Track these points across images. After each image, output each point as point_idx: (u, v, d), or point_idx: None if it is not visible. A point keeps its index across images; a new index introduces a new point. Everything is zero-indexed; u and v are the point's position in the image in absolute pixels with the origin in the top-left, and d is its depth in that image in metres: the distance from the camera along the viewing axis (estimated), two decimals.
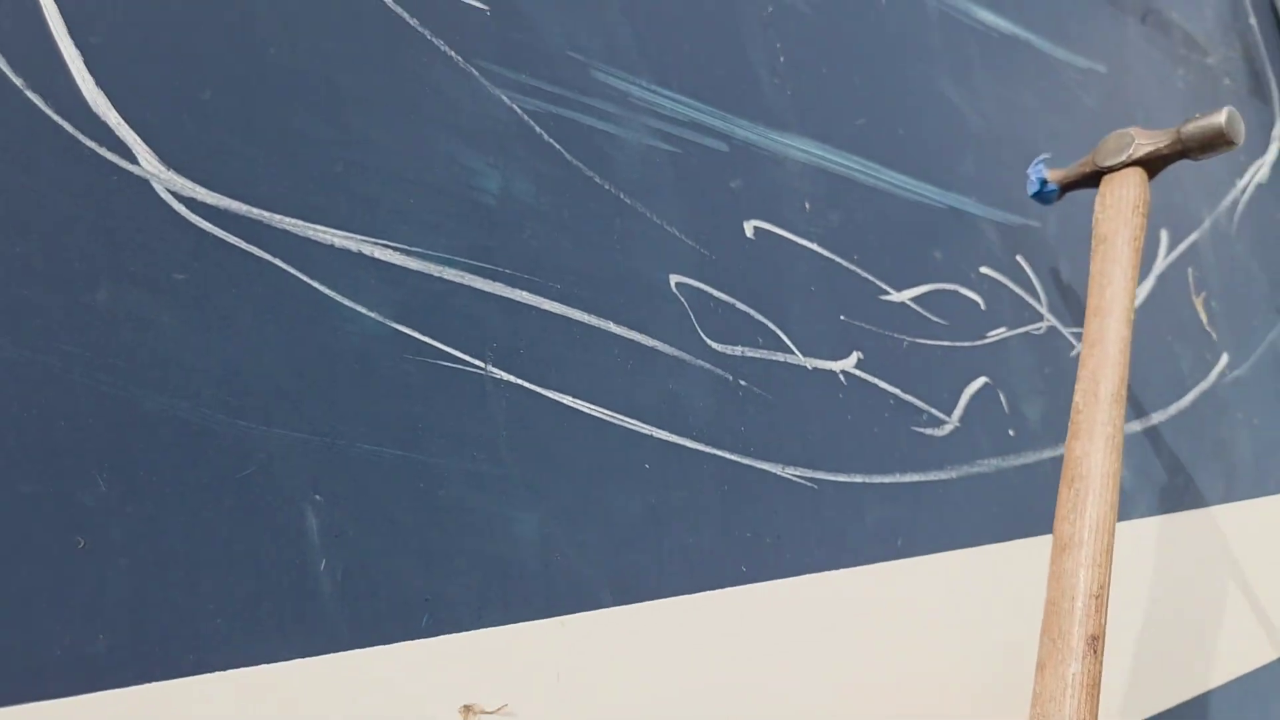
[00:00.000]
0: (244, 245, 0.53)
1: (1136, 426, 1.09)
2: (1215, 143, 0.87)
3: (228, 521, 0.49)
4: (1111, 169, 0.90)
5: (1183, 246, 1.27)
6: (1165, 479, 1.10)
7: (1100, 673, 0.61)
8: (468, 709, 0.54)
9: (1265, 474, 1.27)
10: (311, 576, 0.51)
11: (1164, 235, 1.24)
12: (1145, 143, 0.89)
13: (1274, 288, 1.44)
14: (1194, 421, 1.18)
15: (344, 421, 0.54)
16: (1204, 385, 1.22)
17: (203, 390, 0.50)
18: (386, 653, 0.52)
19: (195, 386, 0.50)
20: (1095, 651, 0.61)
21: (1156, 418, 1.12)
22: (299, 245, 0.55)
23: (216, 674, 0.47)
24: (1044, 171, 0.99)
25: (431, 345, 0.58)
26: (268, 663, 0.49)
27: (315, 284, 0.55)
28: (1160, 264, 1.21)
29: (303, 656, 0.50)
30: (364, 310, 0.56)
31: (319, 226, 0.56)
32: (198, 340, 0.50)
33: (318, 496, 0.52)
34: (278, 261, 0.54)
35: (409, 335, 0.57)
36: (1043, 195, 1.00)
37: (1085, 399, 0.75)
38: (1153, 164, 0.90)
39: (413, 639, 0.53)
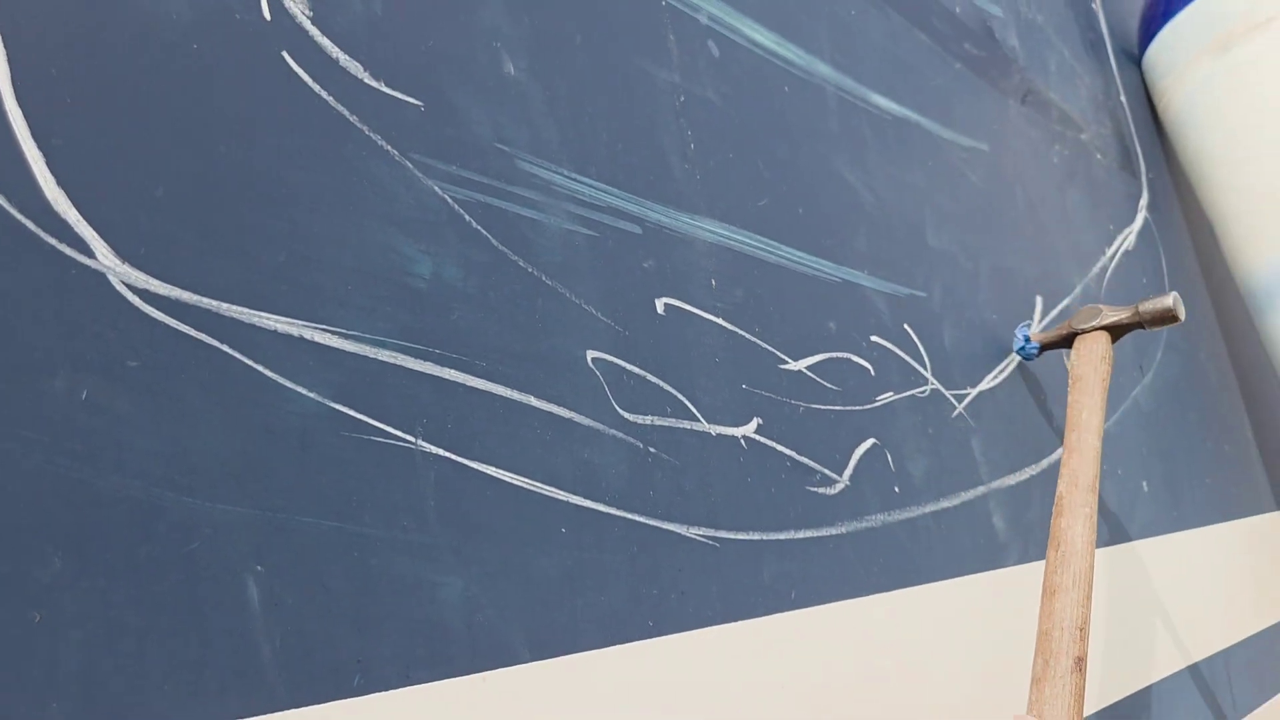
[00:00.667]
0: (193, 333, 0.57)
1: (1011, 480, 1.18)
2: (1164, 317, 1.14)
3: (175, 593, 0.53)
4: (1084, 331, 1.18)
5: (1056, 311, 1.38)
6: (1036, 529, 1.20)
7: (1084, 685, 0.76)
8: None
9: (1129, 521, 1.39)
10: (252, 642, 0.55)
11: (1039, 301, 1.35)
12: (1111, 314, 1.17)
13: (1138, 348, 1.57)
14: None
15: (284, 496, 0.58)
16: None
17: (153, 470, 0.54)
18: (321, 712, 0.57)
19: (146, 467, 0.54)
20: (1080, 670, 0.76)
21: (1030, 471, 1.22)
22: (244, 332, 0.59)
23: None
24: (1028, 332, 1.26)
25: (366, 422, 0.63)
26: None
27: (259, 367, 0.59)
28: (1035, 328, 1.32)
29: (243, 717, 0.54)
30: (304, 391, 0.61)
31: (263, 313, 0.60)
32: (149, 423, 0.54)
33: (259, 567, 0.56)
34: (224, 347, 0.58)
35: (345, 413, 0.62)
36: (1025, 351, 1.25)
37: (1068, 487, 0.95)
38: (1115, 330, 1.17)
39: (345, 698, 0.58)
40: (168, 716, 0.51)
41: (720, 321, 0.88)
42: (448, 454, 0.66)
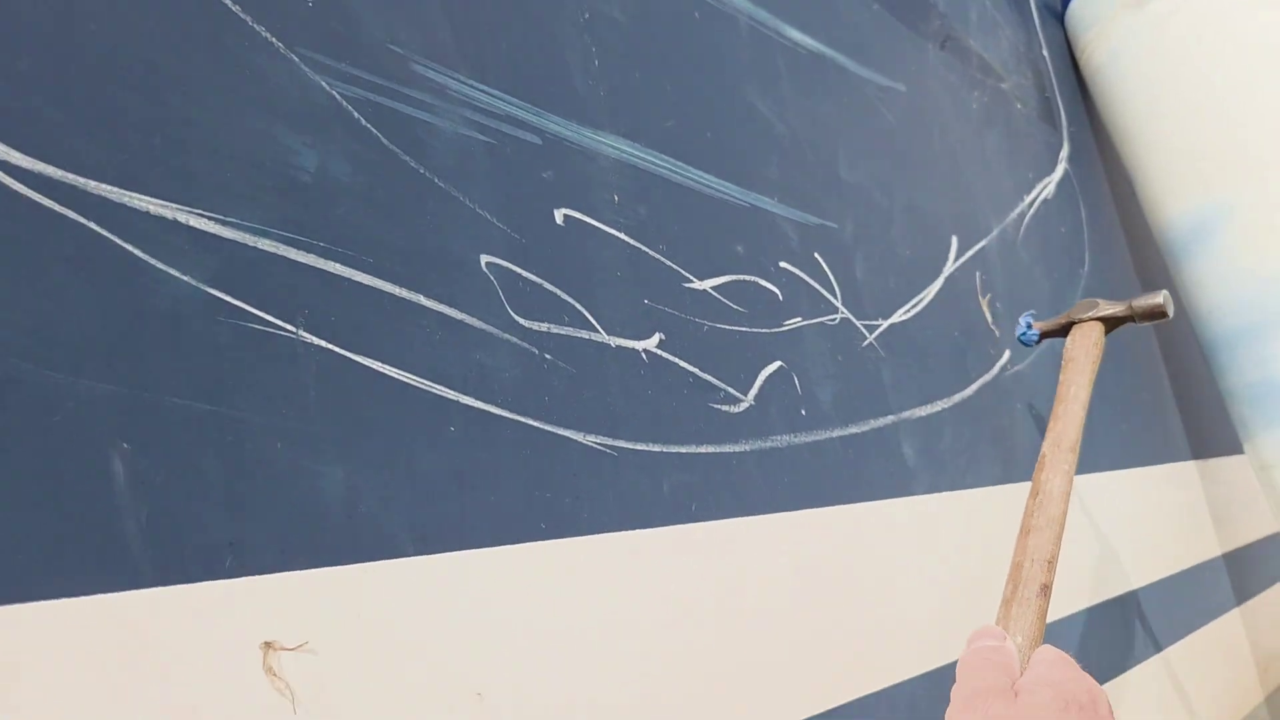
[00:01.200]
0: (58, 208, 0.56)
1: (922, 411, 1.20)
2: (1155, 313, 1.24)
3: (32, 465, 0.52)
4: (1081, 321, 1.27)
5: (971, 252, 1.40)
6: (947, 461, 1.22)
7: (1047, 608, 0.85)
8: (268, 645, 0.59)
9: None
10: (116, 519, 0.54)
11: (954, 241, 1.37)
12: (1106, 307, 1.26)
13: (1055, 292, 1.60)
14: (976, 410, 1.30)
15: (154, 376, 0.57)
16: (986, 377, 1.35)
17: (12, 342, 0.53)
18: (188, 591, 0.56)
19: (4, 338, 0.53)
20: (1045, 595, 0.85)
21: (942, 404, 1.24)
22: (114, 211, 0.58)
23: (16, 605, 0.50)
24: (1031, 320, 1.34)
25: (244, 309, 0.62)
26: (69, 597, 0.52)
27: (129, 247, 0.58)
28: (949, 267, 1.34)
29: (105, 592, 0.53)
30: (177, 274, 0.60)
31: (135, 194, 0.59)
32: (7, 295, 0.53)
33: (125, 445, 0.56)
34: (92, 225, 0.57)
35: (221, 299, 0.61)
36: (1026, 338, 1.34)
37: (1051, 448, 1.04)
38: (1109, 321, 1.26)
39: (215, 579, 0.57)
40: (23, 588, 0.51)
41: (622, 236, 0.88)
42: (331, 346, 0.66)
